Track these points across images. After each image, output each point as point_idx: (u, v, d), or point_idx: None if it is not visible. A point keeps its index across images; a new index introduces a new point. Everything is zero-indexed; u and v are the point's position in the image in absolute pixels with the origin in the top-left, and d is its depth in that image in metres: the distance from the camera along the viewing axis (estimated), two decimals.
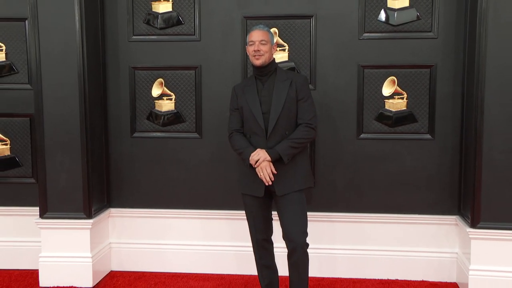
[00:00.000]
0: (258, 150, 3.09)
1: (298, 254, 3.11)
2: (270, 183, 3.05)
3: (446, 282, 3.89)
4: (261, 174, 3.04)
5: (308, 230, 3.20)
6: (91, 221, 3.82)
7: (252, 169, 3.14)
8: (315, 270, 3.90)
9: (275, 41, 3.29)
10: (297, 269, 3.14)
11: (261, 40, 3.12)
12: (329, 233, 4.00)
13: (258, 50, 3.12)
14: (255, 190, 3.18)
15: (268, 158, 3.04)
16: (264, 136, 3.13)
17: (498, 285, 3.53)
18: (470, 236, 3.56)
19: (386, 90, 3.86)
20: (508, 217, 3.53)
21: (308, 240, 3.17)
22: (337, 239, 4.00)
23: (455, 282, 3.87)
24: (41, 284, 3.85)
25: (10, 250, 4.20)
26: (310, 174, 3.29)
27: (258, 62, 3.14)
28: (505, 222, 3.52)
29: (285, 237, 3.15)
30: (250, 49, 3.18)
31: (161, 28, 3.99)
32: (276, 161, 3.07)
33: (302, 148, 3.18)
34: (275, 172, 3.05)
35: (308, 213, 3.61)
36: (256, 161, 3.05)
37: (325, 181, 3.96)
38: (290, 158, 3.10)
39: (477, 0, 3.47)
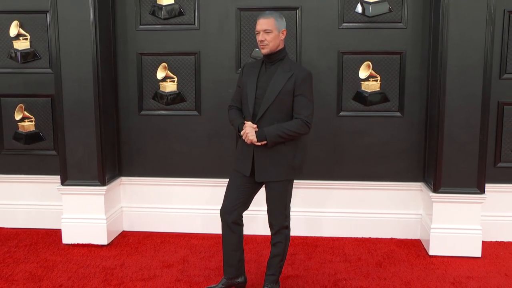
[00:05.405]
0: (248, 127, 3.02)
1: (276, 238, 3.16)
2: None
3: (411, 239, 4.20)
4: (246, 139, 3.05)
5: (298, 196, 3.32)
6: (105, 188, 4.09)
7: (243, 146, 3.14)
8: (302, 230, 4.23)
9: (284, 25, 3.08)
10: (276, 247, 3.18)
11: (265, 29, 2.98)
12: (314, 198, 4.25)
13: (263, 40, 2.99)
14: (243, 168, 3.14)
15: (255, 140, 2.99)
16: (250, 120, 3.06)
17: (454, 240, 3.85)
18: (432, 199, 3.88)
19: (362, 73, 4.10)
20: (464, 183, 3.85)
21: (296, 204, 3.27)
22: (320, 204, 4.27)
23: (418, 239, 4.21)
24: (64, 241, 4.12)
25: (36, 212, 4.49)
26: (294, 166, 3.10)
27: (264, 51, 3.03)
28: (461, 187, 3.85)
29: (268, 222, 3.19)
30: (257, 39, 3.06)
31: (164, 19, 4.17)
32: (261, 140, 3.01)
33: (289, 140, 3.03)
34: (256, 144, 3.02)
35: (298, 182, 3.83)
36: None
37: (311, 153, 4.17)
38: (274, 144, 3.00)
39: None
